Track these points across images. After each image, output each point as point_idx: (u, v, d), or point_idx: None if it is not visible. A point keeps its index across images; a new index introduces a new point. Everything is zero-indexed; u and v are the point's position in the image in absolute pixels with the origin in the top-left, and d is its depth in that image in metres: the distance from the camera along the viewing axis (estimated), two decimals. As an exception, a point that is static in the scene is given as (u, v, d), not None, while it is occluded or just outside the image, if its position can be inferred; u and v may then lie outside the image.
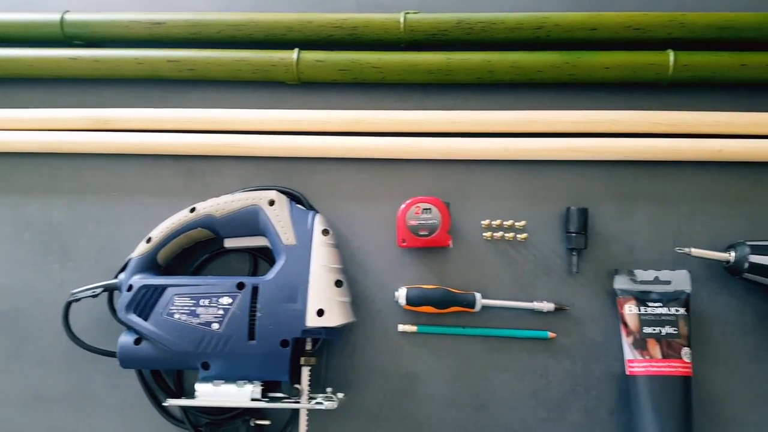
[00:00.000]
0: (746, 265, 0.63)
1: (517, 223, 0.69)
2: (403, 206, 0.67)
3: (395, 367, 0.68)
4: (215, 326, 0.62)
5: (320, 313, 0.61)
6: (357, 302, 0.69)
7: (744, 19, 0.68)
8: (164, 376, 0.69)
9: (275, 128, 0.71)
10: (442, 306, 0.67)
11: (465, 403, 0.67)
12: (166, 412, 0.68)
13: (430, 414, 0.67)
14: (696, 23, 0.67)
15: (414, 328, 0.68)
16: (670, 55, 0.67)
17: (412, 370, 0.68)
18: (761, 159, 0.68)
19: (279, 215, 0.65)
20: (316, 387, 0.67)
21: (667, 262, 0.68)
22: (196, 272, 0.70)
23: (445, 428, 0.67)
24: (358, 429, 0.67)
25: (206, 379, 0.62)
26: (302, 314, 0.61)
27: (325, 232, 0.64)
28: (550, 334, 0.67)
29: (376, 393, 0.68)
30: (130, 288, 0.64)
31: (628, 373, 0.64)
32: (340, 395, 0.66)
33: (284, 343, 0.61)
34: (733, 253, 0.64)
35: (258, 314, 0.61)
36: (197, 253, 0.71)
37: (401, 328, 0.68)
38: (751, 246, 0.63)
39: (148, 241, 0.66)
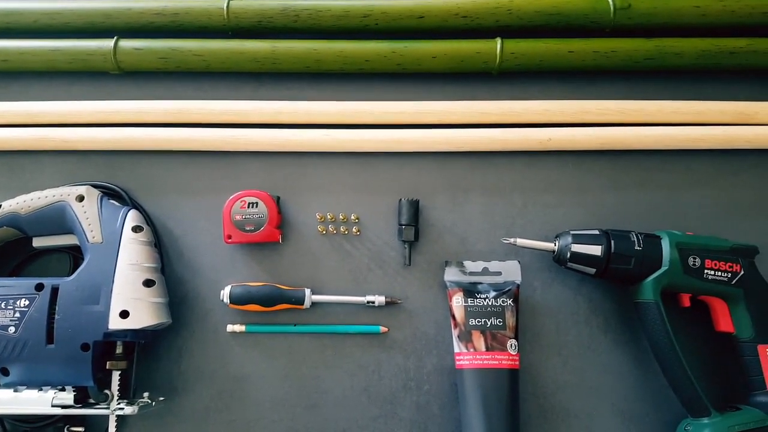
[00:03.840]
0: (569, 255, 0.62)
1: (351, 216, 0.67)
2: (228, 201, 0.65)
3: (224, 368, 0.66)
4: (11, 330, 0.59)
5: (124, 314, 0.58)
6: (186, 302, 0.67)
7: (572, 5, 0.67)
8: (-24, 384, 0.65)
9: (97, 120, 0.68)
10: (269, 304, 0.65)
11: (295, 403, 0.65)
12: (-19, 421, 0.64)
13: (259, 416, 0.65)
14: (523, 9, 0.66)
15: (242, 328, 0.65)
16: (497, 42, 0.66)
17: (242, 371, 0.65)
18: (590, 147, 0.67)
19: (87, 212, 0.61)
20: (136, 392, 0.64)
21: (499, 253, 0.67)
22: (13, 274, 0.67)
23: (275, 429, 0.64)
24: (185, 433, 0.65)
25: (8, 386, 0.59)
26: (104, 316, 0.58)
27: (136, 228, 0.61)
28: (382, 329, 0.66)
29: (203, 396, 0.65)
30: (-74, 292, 0.60)
31: (456, 366, 0.63)
32: (161, 399, 0.63)
33: (85, 347, 0.58)
34: (557, 243, 0.63)
35: (57, 317, 0.58)
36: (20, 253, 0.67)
37: (230, 328, 0.66)
38: (573, 235, 0.62)
39: (-51, 242, 0.62)
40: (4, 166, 0.70)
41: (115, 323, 0.58)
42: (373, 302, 0.65)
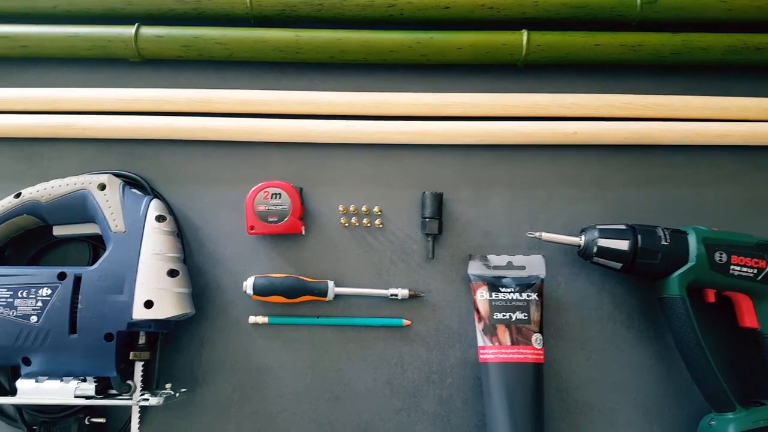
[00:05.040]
0: (595, 249, 0.62)
1: (373, 209, 0.67)
2: (251, 191, 0.64)
3: (246, 359, 0.65)
4: (33, 319, 0.58)
5: (148, 304, 0.58)
6: (207, 293, 0.66)
7: (599, -1, 0.67)
8: (-4, 373, 0.64)
9: (117, 108, 0.67)
10: (292, 295, 0.64)
11: (318, 395, 0.65)
12: (1, 411, 0.64)
13: (281, 408, 0.64)
14: (550, 2, 0.66)
15: (265, 319, 0.65)
16: (524, 34, 0.66)
17: (264, 362, 0.65)
18: (615, 142, 0.67)
19: (109, 201, 0.60)
20: (159, 383, 0.63)
21: (523, 247, 0.67)
22: (32, 263, 0.66)
23: (297, 422, 0.64)
24: (206, 425, 0.64)
25: (29, 376, 0.58)
26: (128, 306, 0.57)
27: (159, 218, 0.61)
28: (405, 322, 0.65)
29: (225, 387, 0.65)
30: (-54, 280, 0.59)
31: (480, 360, 0.63)
32: (183, 390, 0.63)
33: (108, 337, 0.57)
34: (583, 237, 0.63)
35: (80, 306, 0.58)
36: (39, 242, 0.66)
37: (252, 319, 0.65)
38: (600, 229, 0.62)
39: (-32, 230, 0.61)
40: (22, 154, 0.69)
41: (140, 313, 0.57)
42: (396, 295, 0.65)
